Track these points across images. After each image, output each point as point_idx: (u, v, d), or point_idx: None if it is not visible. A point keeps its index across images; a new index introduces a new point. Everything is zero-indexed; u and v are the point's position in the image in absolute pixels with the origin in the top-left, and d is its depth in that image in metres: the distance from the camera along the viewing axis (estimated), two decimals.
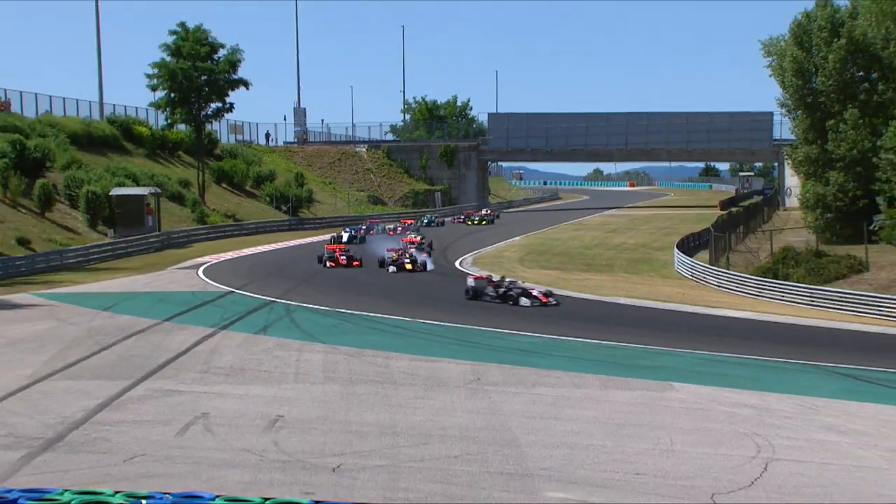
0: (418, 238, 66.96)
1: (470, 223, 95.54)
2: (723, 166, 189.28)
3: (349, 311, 41.27)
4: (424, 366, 30.19)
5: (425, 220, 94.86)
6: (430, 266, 56.20)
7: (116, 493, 14.83)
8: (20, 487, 15.18)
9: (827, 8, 69.87)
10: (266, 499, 15.65)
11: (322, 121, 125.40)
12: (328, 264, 57.08)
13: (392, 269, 54.35)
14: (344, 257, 57.71)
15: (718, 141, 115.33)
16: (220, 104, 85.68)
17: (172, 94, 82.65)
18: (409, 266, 54.61)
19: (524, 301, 43.76)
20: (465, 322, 39.07)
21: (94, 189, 67.93)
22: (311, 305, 42.67)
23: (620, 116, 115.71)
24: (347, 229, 73.44)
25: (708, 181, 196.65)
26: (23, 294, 45.41)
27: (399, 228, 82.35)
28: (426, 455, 20.43)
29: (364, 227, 78.02)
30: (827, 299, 45.69)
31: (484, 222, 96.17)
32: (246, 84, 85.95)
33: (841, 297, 45.75)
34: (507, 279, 46.81)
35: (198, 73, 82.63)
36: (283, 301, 43.71)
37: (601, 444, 21.63)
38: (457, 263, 61.38)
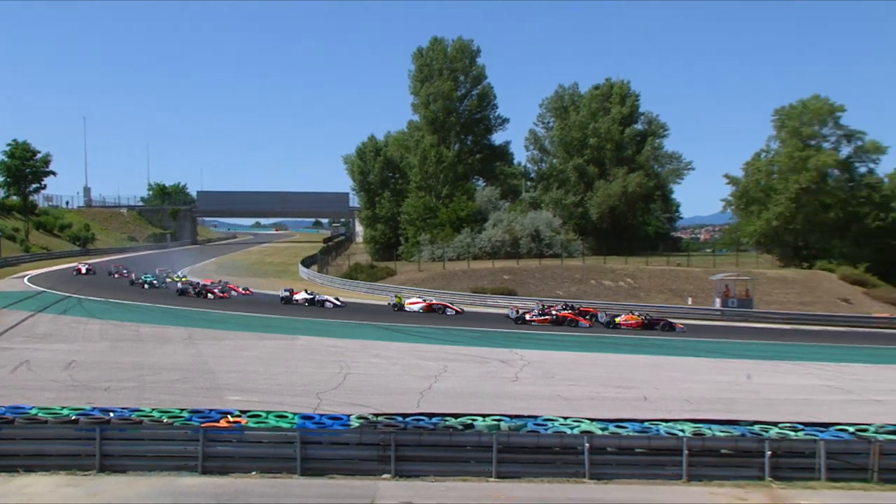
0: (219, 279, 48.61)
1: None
2: (324, 220, 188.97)
3: (115, 300, 38.42)
4: (159, 330, 28.79)
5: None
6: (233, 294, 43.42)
7: None
8: None
9: (373, 140, 72.31)
10: (63, 406, 14.57)
11: (100, 194, 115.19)
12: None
13: (210, 296, 41.22)
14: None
15: (322, 206, 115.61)
16: (38, 185, 78.34)
17: (9, 179, 75.60)
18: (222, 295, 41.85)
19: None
20: (181, 305, 37.29)
21: None
22: (93, 298, 39.23)
23: (269, 193, 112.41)
24: (150, 278, 47.34)
25: (317, 228, 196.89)
26: None
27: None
28: (160, 380, 19.65)
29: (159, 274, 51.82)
30: (376, 290, 47.06)
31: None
32: (54, 173, 79.09)
33: (381, 287, 47.29)
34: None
35: (25, 167, 75.67)
36: (76, 296, 39.95)
37: (258, 369, 21.51)
38: (179, 273, 57.79)
